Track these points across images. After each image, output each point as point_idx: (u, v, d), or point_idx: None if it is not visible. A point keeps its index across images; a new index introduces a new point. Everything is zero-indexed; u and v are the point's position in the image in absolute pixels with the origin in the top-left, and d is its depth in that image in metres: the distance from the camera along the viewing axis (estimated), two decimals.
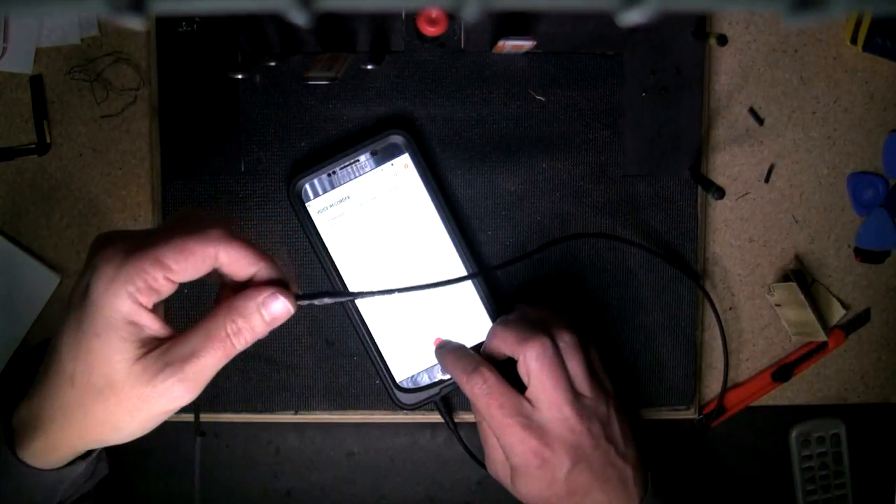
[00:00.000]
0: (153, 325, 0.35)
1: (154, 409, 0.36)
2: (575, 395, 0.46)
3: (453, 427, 0.54)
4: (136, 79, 0.53)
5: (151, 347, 0.35)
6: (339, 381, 0.54)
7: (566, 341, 0.47)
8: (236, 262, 0.36)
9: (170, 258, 0.34)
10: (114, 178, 0.54)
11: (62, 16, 0.52)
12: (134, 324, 0.34)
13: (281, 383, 0.54)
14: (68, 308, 0.36)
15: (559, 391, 0.45)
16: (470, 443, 0.55)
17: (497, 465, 0.48)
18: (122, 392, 0.35)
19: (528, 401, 0.46)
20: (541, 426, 0.45)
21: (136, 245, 0.35)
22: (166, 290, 0.35)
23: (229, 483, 0.56)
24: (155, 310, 0.36)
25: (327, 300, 0.40)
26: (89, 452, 0.41)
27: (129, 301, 0.34)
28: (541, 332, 0.46)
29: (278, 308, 0.37)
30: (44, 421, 0.37)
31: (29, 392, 0.38)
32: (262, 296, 0.36)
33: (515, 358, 0.46)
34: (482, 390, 0.45)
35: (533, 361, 0.45)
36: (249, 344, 0.37)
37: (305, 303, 0.39)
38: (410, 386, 0.52)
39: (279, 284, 0.37)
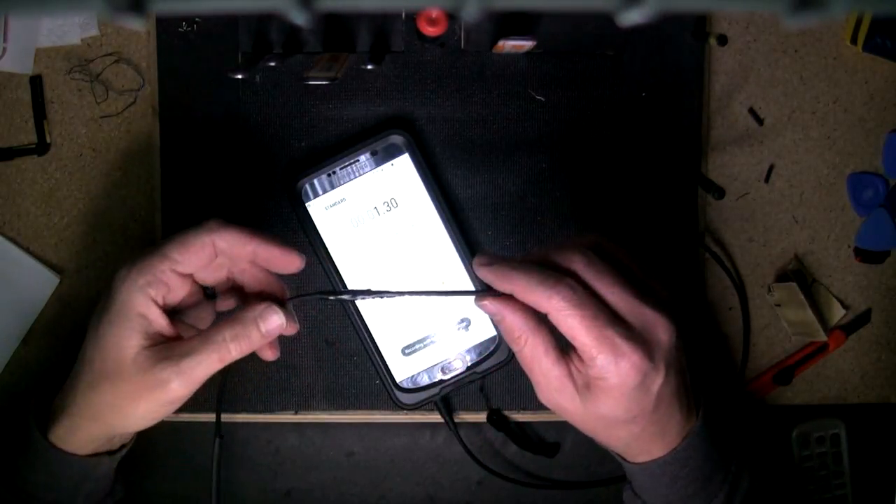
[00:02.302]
0: (160, 321, 0.41)
1: (153, 399, 0.40)
2: (636, 293, 0.39)
3: (453, 427, 0.54)
4: (136, 79, 0.53)
5: (157, 342, 0.40)
6: (339, 381, 0.54)
7: (592, 266, 0.39)
8: (232, 244, 0.41)
9: (173, 251, 0.40)
10: (114, 178, 0.54)
11: (62, 16, 0.52)
12: (143, 316, 0.40)
13: (281, 383, 0.54)
14: (97, 307, 0.42)
15: (626, 290, 0.39)
16: (470, 443, 0.55)
17: (557, 392, 0.40)
18: (127, 377, 0.40)
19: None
20: (639, 336, 0.38)
21: (148, 248, 0.41)
22: (175, 283, 0.41)
23: (229, 483, 0.56)
24: (166, 310, 0.41)
25: (330, 297, 0.44)
26: (110, 453, 0.45)
27: (140, 295, 0.40)
28: (555, 275, 0.39)
29: (274, 320, 0.41)
30: (67, 404, 0.42)
31: (64, 383, 0.44)
32: (260, 308, 0.41)
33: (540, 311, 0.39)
34: (571, 302, 0.37)
35: (566, 318, 0.38)
36: (245, 353, 0.41)
37: (297, 299, 0.43)
38: (410, 386, 0.52)
39: (278, 295, 0.43)
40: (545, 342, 0.40)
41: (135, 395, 0.40)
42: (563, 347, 0.40)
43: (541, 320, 0.40)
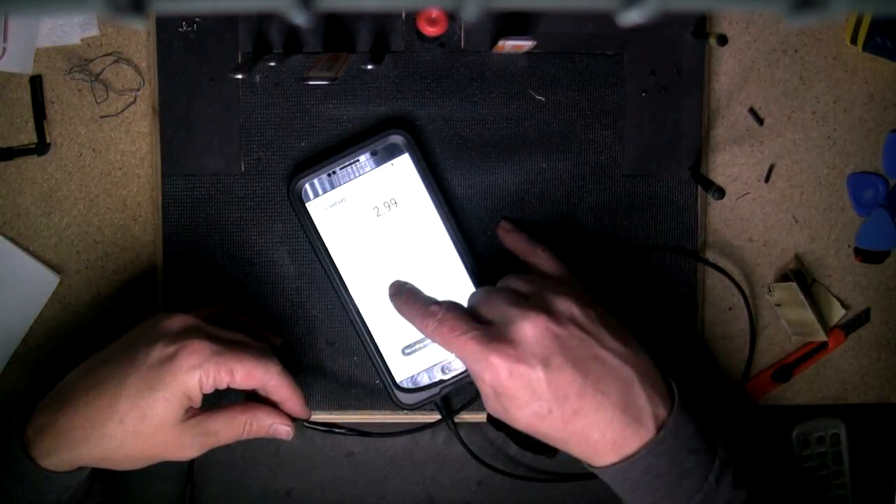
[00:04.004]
0: (198, 403, 0.45)
1: (166, 455, 0.45)
2: (518, 296, 0.44)
3: (453, 427, 0.54)
4: (136, 79, 0.53)
5: (192, 416, 0.45)
6: (339, 381, 0.54)
7: (511, 285, 0.46)
8: (278, 393, 0.47)
9: (238, 373, 0.44)
10: (114, 178, 0.54)
11: (62, 16, 0.52)
12: (190, 399, 0.44)
13: None
14: (131, 360, 0.44)
15: (500, 297, 0.44)
16: (470, 442, 0.55)
17: (488, 401, 0.44)
18: (159, 442, 0.44)
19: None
20: (497, 335, 0.42)
21: (220, 351, 0.44)
22: (223, 387, 0.45)
23: (229, 483, 0.56)
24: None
25: (337, 431, 0.53)
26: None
27: (197, 385, 0.43)
28: (428, 306, 0.46)
29: (283, 434, 0.47)
30: (73, 439, 0.43)
31: (51, 404, 0.44)
32: (277, 421, 0.47)
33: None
34: (434, 324, 0.44)
35: (436, 338, 0.45)
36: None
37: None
38: (410, 386, 0.52)
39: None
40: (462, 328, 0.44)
41: (153, 453, 0.45)
42: None
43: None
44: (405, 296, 0.47)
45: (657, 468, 0.42)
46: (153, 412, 0.43)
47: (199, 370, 0.43)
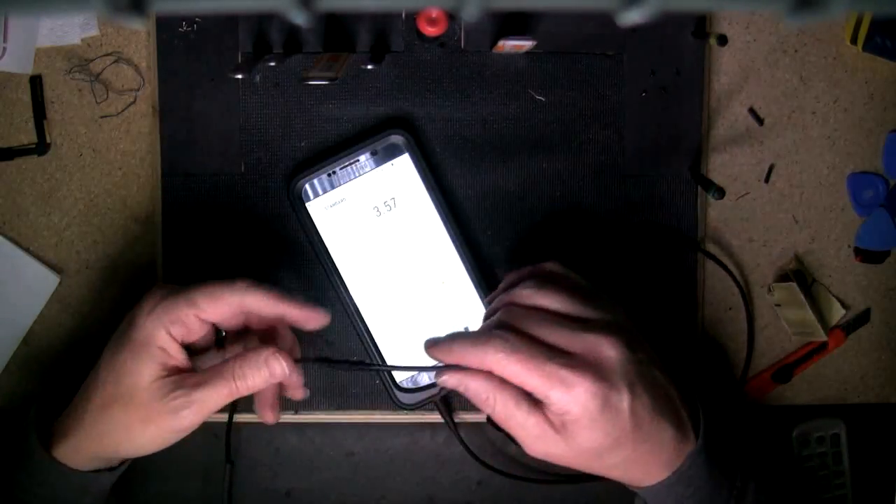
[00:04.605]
0: (178, 356, 0.43)
1: (163, 425, 0.42)
2: (567, 316, 0.41)
3: (453, 427, 0.54)
4: (136, 79, 0.53)
5: (172, 374, 0.42)
6: (339, 381, 0.54)
7: (526, 293, 0.42)
8: (261, 305, 0.43)
9: (200, 300, 0.42)
10: (114, 178, 0.54)
11: (62, 16, 0.52)
12: (163, 350, 0.42)
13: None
14: (115, 333, 0.44)
15: (555, 319, 0.40)
16: (470, 442, 0.55)
17: (540, 440, 0.40)
18: (139, 403, 0.42)
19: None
20: (583, 363, 0.39)
21: (176, 289, 0.43)
22: (196, 327, 0.43)
23: (229, 483, 0.56)
24: (184, 345, 0.43)
25: (326, 366, 0.48)
26: (110, 469, 0.46)
27: (162, 330, 0.41)
28: (485, 332, 0.41)
29: (276, 368, 0.43)
30: (74, 422, 0.43)
31: (72, 401, 0.45)
32: (266, 353, 0.43)
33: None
34: (505, 351, 0.39)
35: (506, 368, 0.39)
36: (252, 390, 0.43)
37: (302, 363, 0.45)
38: (410, 386, 0.52)
39: (287, 347, 0.46)
40: (513, 395, 0.40)
41: (145, 421, 0.42)
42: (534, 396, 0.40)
43: (501, 378, 0.40)
44: (451, 341, 0.41)
45: (699, 478, 0.42)
46: (125, 369, 0.42)
47: (155, 312, 0.42)
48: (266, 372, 0.43)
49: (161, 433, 0.42)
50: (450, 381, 0.41)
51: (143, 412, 0.42)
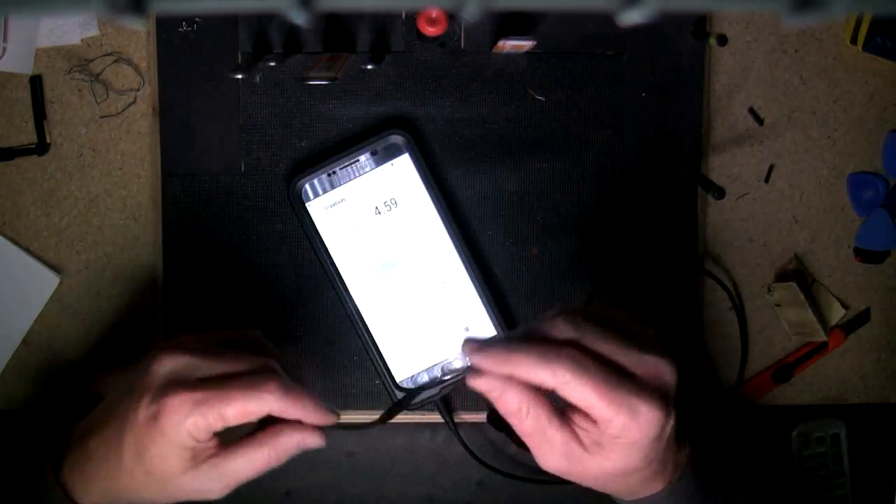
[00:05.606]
0: (204, 445, 0.41)
1: (191, 494, 0.42)
2: (632, 340, 0.39)
3: (453, 427, 0.54)
4: (136, 79, 0.53)
5: (204, 458, 0.41)
6: (339, 381, 0.54)
7: (584, 328, 0.38)
8: (289, 414, 0.42)
9: (230, 415, 0.40)
10: (114, 178, 0.54)
11: (62, 16, 0.52)
12: (192, 448, 0.41)
13: None
14: (125, 415, 0.42)
15: (613, 335, 0.38)
16: (470, 442, 0.55)
17: (564, 456, 0.39)
18: (170, 484, 0.42)
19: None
20: (649, 387, 0.37)
21: (203, 399, 0.40)
22: (222, 429, 0.41)
23: None
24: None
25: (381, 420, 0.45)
26: None
27: (189, 438, 0.40)
28: (553, 348, 0.38)
29: (314, 444, 0.43)
30: (101, 488, 0.43)
31: (76, 450, 0.44)
32: (301, 437, 0.42)
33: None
34: (576, 372, 0.36)
35: (575, 389, 0.37)
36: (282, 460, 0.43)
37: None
38: (410, 386, 0.52)
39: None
40: (547, 411, 0.38)
41: (171, 495, 0.43)
42: (562, 409, 0.39)
43: (537, 389, 0.38)
44: (508, 351, 0.38)
45: (689, 487, 0.43)
46: (155, 468, 0.41)
47: (185, 425, 0.40)
48: (301, 448, 0.42)
49: (186, 496, 0.43)
50: (484, 384, 0.38)
51: (180, 495, 0.42)
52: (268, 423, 0.43)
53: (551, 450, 0.39)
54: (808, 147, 0.56)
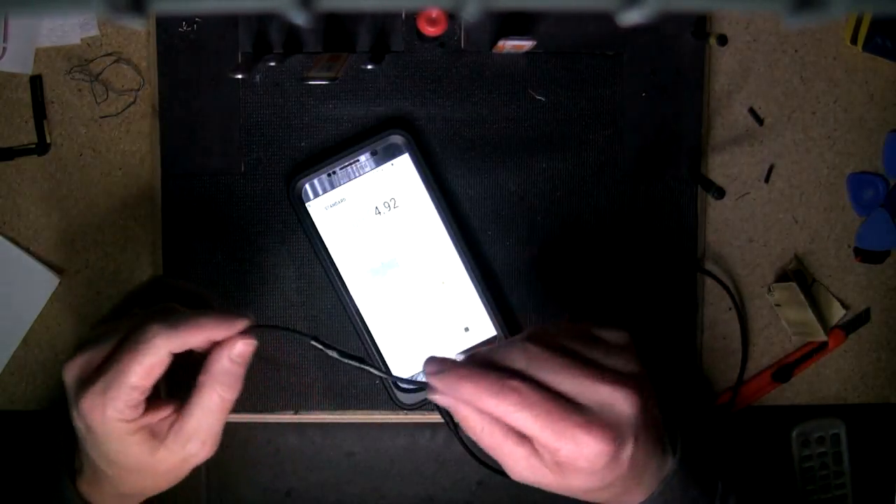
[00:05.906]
0: (154, 418, 0.41)
1: (183, 469, 0.43)
2: (586, 368, 0.39)
3: (453, 427, 0.54)
4: (136, 79, 0.53)
5: (164, 428, 0.41)
6: (339, 381, 0.54)
7: (534, 359, 0.40)
8: (186, 342, 0.40)
9: (136, 382, 0.39)
10: (114, 178, 0.54)
11: (62, 16, 0.52)
12: (138, 430, 0.40)
13: (281, 383, 0.54)
14: (85, 433, 0.42)
15: (570, 365, 0.39)
16: (470, 443, 0.54)
17: (527, 470, 0.40)
18: (153, 468, 0.42)
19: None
20: (598, 418, 0.38)
21: (106, 384, 0.39)
22: (147, 390, 0.40)
23: (229, 483, 0.56)
24: (152, 399, 0.41)
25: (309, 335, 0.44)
26: None
27: (125, 425, 0.39)
28: (500, 379, 0.39)
29: (244, 352, 0.41)
30: (94, 483, 0.44)
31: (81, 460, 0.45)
32: (226, 352, 0.40)
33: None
34: (520, 403, 0.38)
35: (518, 420, 0.38)
36: (239, 388, 0.42)
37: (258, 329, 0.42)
38: (410, 386, 0.52)
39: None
40: (502, 428, 0.39)
41: (166, 475, 0.43)
42: None
43: None
44: (458, 378, 0.39)
45: (674, 499, 0.43)
46: (128, 463, 0.41)
47: (110, 420, 0.39)
48: (240, 361, 0.41)
49: (182, 474, 0.44)
50: (443, 400, 0.40)
51: (157, 473, 0.43)
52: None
53: (515, 463, 0.40)
54: (808, 147, 0.56)
